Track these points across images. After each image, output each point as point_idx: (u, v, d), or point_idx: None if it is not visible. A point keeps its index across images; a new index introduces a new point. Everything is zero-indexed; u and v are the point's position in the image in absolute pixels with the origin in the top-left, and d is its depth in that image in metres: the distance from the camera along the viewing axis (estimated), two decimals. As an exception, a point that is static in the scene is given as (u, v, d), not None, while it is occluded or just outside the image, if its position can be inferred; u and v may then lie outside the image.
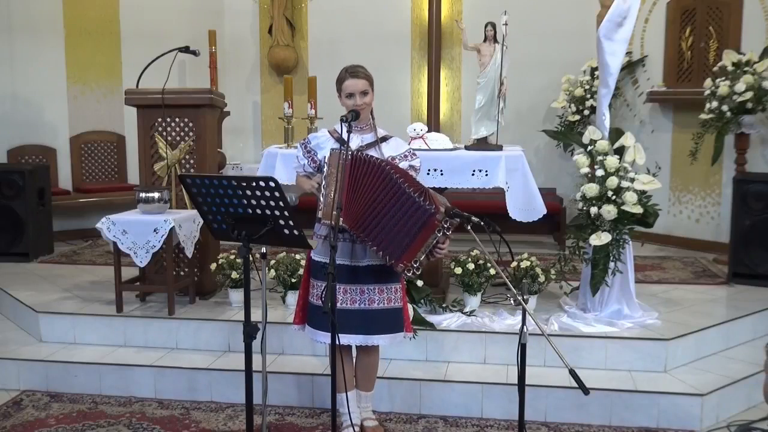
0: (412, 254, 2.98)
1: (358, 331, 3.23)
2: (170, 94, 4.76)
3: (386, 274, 3.24)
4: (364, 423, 3.50)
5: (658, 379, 3.94)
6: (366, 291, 3.23)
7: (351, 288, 3.22)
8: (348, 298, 3.21)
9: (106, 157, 7.55)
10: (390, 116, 6.94)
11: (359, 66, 3.26)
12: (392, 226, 2.99)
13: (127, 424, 3.80)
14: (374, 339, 3.27)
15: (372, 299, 3.23)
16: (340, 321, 3.13)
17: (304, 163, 3.32)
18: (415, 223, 2.96)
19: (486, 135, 4.62)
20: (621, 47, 4.29)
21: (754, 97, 5.45)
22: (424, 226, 2.96)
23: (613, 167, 4.14)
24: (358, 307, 3.22)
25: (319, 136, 3.34)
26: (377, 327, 3.25)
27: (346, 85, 3.20)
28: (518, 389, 2.88)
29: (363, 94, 3.19)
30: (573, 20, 7.10)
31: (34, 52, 7.08)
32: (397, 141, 3.33)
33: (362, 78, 3.19)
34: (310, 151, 3.31)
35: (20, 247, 6.19)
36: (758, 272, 5.25)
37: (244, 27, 8.23)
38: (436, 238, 2.97)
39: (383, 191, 3.01)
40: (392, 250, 3.01)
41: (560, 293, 4.77)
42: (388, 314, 3.27)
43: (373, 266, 3.22)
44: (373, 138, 3.27)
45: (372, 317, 3.23)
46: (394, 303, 3.29)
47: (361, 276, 3.22)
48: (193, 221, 4.59)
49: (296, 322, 3.44)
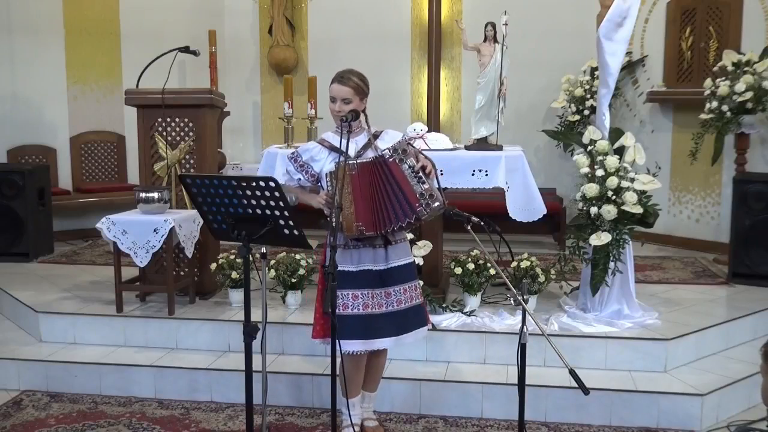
0: (413, 195, 3.05)
1: (388, 333, 3.24)
2: (170, 94, 4.76)
3: (407, 272, 3.29)
4: (364, 423, 3.50)
5: (658, 379, 3.95)
6: (393, 293, 3.24)
7: (377, 293, 3.22)
8: (375, 303, 3.21)
9: (106, 157, 7.54)
10: (390, 116, 6.96)
11: (352, 73, 3.23)
12: (388, 199, 3.08)
13: (127, 424, 3.80)
14: (404, 338, 3.30)
15: (400, 300, 3.25)
16: (370, 326, 3.17)
17: (299, 178, 3.31)
18: (390, 180, 3.06)
19: (486, 135, 4.62)
20: (621, 47, 4.29)
21: (754, 97, 5.45)
22: (391, 170, 3.06)
23: (613, 167, 4.14)
24: (386, 310, 3.23)
25: (310, 149, 3.32)
26: (406, 326, 3.28)
27: (331, 89, 3.23)
28: (518, 389, 2.89)
29: (344, 102, 3.19)
30: (573, 20, 7.09)
31: (34, 52, 7.08)
32: (389, 133, 3.33)
33: (347, 86, 3.18)
34: (304, 165, 3.29)
35: (20, 247, 6.19)
36: (758, 272, 5.25)
37: (244, 27, 8.23)
38: (409, 167, 3.05)
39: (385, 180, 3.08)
40: (402, 211, 3.06)
41: (560, 293, 4.77)
42: (414, 312, 3.31)
43: (395, 267, 3.24)
44: (365, 138, 3.27)
45: (401, 317, 3.26)
46: (416, 300, 3.32)
47: (386, 279, 3.23)
48: (193, 221, 4.59)
49: (317, 336, 3.35)
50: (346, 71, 3.25)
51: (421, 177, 3.05)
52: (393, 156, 3.07)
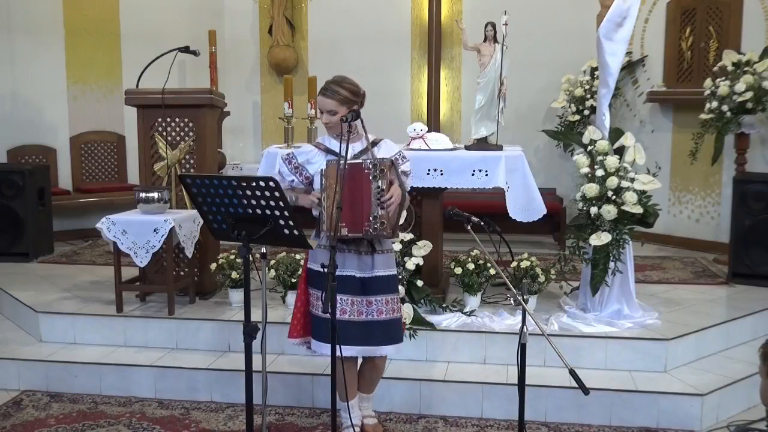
0: (367, 211, 3.07)
1: (365, 342, 3.23)
2: (170, 94, 4.76)
3: (391, 284, 3.28)
4: (364, 421, 3.50)
5: (658, 379, 3.95)
6: (374, 302, 3.23)
7: (358, 300, 3.21)
8: (355, 310, 3.21)
9: (106, 157, 7.54)
10: (390, 116, 6.97)
11: (340, 84, 3.19)
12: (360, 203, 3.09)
13: (127, 424, 3.80)
14: (384, 349, 3.29)
15: (380, 310, 3.24)
16: (347, 333, 3.15)
17: (292, 179, 3.31)
18: (361, 186, 3.07)
19: (486, 135, 4.62)
20: (621, 47, 4.29)
21: (754, 97, 5.45)
22: (363, 181, 3.07)
23: (613, 167, 4.14)
24: (365, 318, 3.22)
25: (306, 151, 3.32)
26: (385, 337, 3.26)
27: (317, 101, 3.27)
28: (518, 389, 2.89)
29: (330, 113, 3.19)
30: (573, 20, 7.09)
31: (34, 52, 7.08)
32: (387, 144, 3.33)
33: (330, 98, 3.16)
34: (298, 167, 3.30)
35: (20, 247, 6.19)
36: (758, 272, 5.25)
37: (244, 27, 8.23)
38: (377, 187, 3.06)
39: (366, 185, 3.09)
40: (357, 219, 3.08)
41: (560, 293, 4.77)
42: (393, 324, 3.29)
43: (380, 277, 3.23)
44: (363, 145, 3.26)
45: (379, 328, 3.24)
46: (396, 313, 3.31)
47: (369, 287, 3.22)
48: (193, 221, 4.59)
49: (294, 335, 3.35)
50: (333, 82, 3.21)
51: (382, 203, 3.08)
52: (370, 169, 3.09)
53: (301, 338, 3.35)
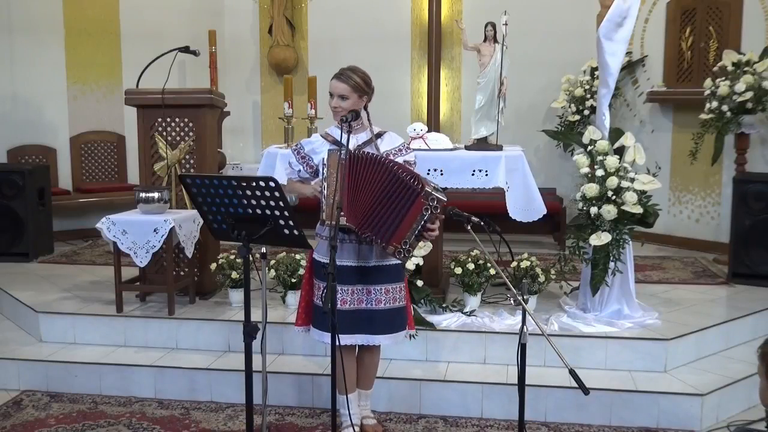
0: (402, 234, 2.99)
1: (362, 330, 3.24)
2: (170, 94, 4.76)
3: (392, 273, 3.27)
4: (363, 421, 3.51)
5: (658, 379, 3.95)
6: (373, 291, 3.24)
7: (358, 289, 3.23)
8: (355, 299, 3.22)
9: (106, 157, 7.54)
10: (390, 116, 6.93)
11: (355, 71, 3.24)
12: (385, 210, 3.02)
13: (127, 424, 3.80)
14: (377, 339, 3.29)
15: (379, 299, 3.25)
16: (347, 322, 3.16)
17: (299, 169, 3.34)
18: (404, 204, 2.99)
19: (486, 135, 4.62)
20: (621, 47, 4.29)
21: (754, 97, 5.45)
22: (412, 206, 2.97)
23: (613, 167, 4.14)
24: (365, 307, 3.23)
25: (313, 141, 3.36)
26: (381, 327, 3.26)
27: (330, 84, 3.25)
28: (518, 389, 2.88)
29: (341, 98, 3.20)
30: (573, 20, 7.09)
31: (34, 52, 7.08)
32: (391, 136, 3.34)
33: (344, 83, 3.19)
34: (305, 157, 3.32)
35: (20, 247, 6.19)
36: (758, 272, 5.25)
37: (244, 27, 8.23)
38: (424, 217, 2.98)
39: (380, 182, 3.03)
40: (384, 231, 3.02)
41: (560, 293, 4.77)
42: (392, 313, 3.29)
43: (380, 266, 3.24)
44: (367, 136, 3.28)
45: (378, 317, 3.25)
46: (398, 302, 3.30)
47: (369, 276, 3.23)
48: (193, 221, 4.59)
49: (299, 323, 3.43)
50: (349, 68, 3.26)
51: (420, 233, 2.99)
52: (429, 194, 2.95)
53: (305, 326, 3.40)
